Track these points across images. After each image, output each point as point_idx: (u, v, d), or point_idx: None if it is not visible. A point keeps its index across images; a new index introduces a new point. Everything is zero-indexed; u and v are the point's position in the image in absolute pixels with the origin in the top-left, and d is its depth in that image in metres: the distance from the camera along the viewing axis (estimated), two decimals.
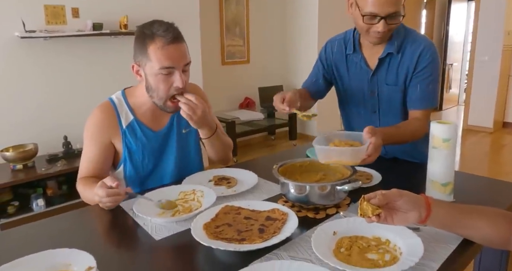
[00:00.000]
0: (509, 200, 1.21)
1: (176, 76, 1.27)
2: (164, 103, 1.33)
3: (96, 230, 1.17)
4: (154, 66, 1.25)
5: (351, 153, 1.15)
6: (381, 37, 1.37)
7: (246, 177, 1.42)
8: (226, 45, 4.87)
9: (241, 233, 0.98)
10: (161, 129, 1.46)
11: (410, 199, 0.87)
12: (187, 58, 1.30)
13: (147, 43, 1.25)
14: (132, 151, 1.41)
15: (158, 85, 1.29)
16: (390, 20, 1.31)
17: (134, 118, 1.41)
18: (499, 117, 6.04)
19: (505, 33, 5.59)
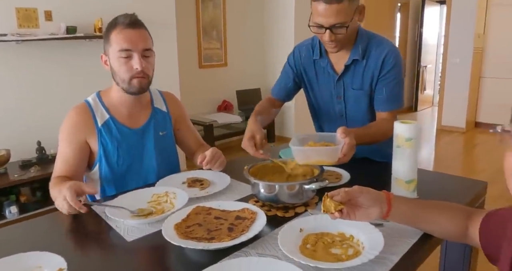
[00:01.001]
0: (470, 196, 1.27)
1: (135, 59, 1.33)
2: (129, 84, 1.37)
3: (68, 234, 1.17)
4: (115, 49, 1.33)
5: (329, 152, 1.18)
6: (334, 47, 1.41)
7: (219, 178, 1.45)
8: (203, 48, 4.88)
9: (210, 232, 1.00)
10: (138, 127, 1.49)
11: (371, 195, 0.91)
12: (147, 44, 1.36)
13: (110, 31, 1.34)
14: (107, 150, 1.43)
15: (119, 68, 1.35)
16: (335, 30, 1.35)
17: (109, 117, 1.44)
18: (471, 117, 6.23)
19: (475, 36, 5.79)
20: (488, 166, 4.54)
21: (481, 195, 1.34)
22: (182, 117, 1.65)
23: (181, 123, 1.64)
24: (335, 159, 1.18)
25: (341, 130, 1.20)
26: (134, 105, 1.48)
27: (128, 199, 1.26)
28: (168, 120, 1.58)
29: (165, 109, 1.58)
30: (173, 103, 1.63)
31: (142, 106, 1.51)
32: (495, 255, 0.85)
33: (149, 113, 1.53)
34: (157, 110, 1.56)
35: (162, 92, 1.63)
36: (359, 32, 1.49)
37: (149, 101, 1.55)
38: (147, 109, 1.53)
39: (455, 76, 6.07)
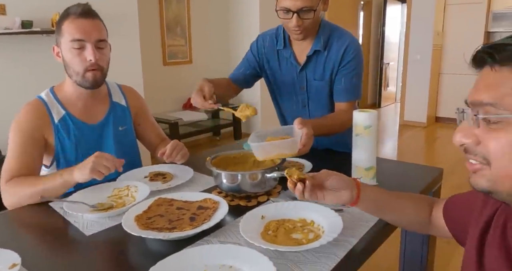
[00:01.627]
0: (427, 181, 1.31)
1: (88, 50, 1.29)
2: (83, 77, 1.33)
3: (24, 230, 1.13)
4: (66, 40, 1.28)
5: (288, 145, 1.18)
6: (300, 33, 1.43)
7: (182, 172, 1.43)
8: (167, 45, 4.81)
9: (172, 222, 0.99)
10: (96, 123, 1.44)
11: (341, 178, 0.91)
12: (101, 34, 1.33)
13: (62, 22, 1.30)
14: (65, 147, 1.38)
15: (72, 60, 1.31)
16: (303, 15, 1.37)
17: (66, 113, 1.39)
18: (431, 112, 6.46)
19: (434, 33, 6.00)
20: (447, 159, 4.72)
21: (438, 180, 1.39)
22: (142, 111, 1.62)
23: (141, 117, 1.61)
24: (295, 151, 1.18)
25: (298, 121, 1.21)
26: (90, 99, 1.43)
27: (87, 194, 1.22)
28: (127, 114, 1.54)
29: (124, 103, 1.55)
30: (133, 96, 1.59)
31: (99, 100, 1.47)
32: (462, 236, 0.86)
33: (107, 108, 1.48)
34: (116, 104, 1.52)
35: (121, 86, 1.59)
36: (322, 23, 1.51)
37: (107, 95, 1.51)
38: (105, 103, 1.49)
39: (416, 72, 6.27)
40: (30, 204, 1.22)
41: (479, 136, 0.61)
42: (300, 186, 0.87)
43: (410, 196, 1.00)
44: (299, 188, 0.87)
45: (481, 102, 0.59)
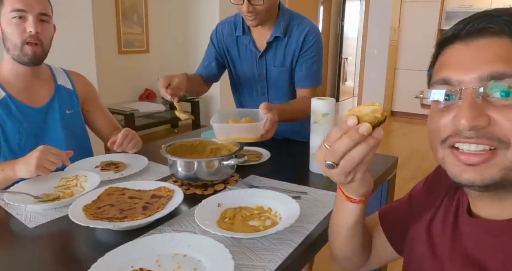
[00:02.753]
0: (383, 169, 1.33)
1: (29, 21, 1.23)
2: (21, 50, 1.25)
3: None
4: (7, 10, 1.22)
5: (251, 129, 1.15)
6: (253, 20, 1.40)
7: (136, 161, 1.37)
8: (123, 33, 4.62)
9: (123, 212, 0.94)
10: (40, 106, 1.36)
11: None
12: (44, 8, 1.27)
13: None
14: (6, 131, 1.29)
15: (12, 31, 1.24)
16: (253, 1, 1.35)
17: (6, 94, 1.30)
18: (387, 106, 6.65)
19: (391, 29, 6.16)
20: (401, 151, 4.88)
21: (393, 168, 1.42)
22: (91, 97, 1.54)
23: (90, 103, 1.53)
24: (257, 135, 1.16)
25: (264, 106, 1.18)
26: (31, 79, 1.35)
27: (32, 184, 1.14)
28: (74, 98, 1.46)
29: (71, 87, 1.47)
30: (80, 81, 1.52)
31: (41, 82, 1.38)
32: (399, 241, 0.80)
33: (52, 90, 1.40)
34: (61, 87, 1.43)
35: (68, 71, 1.51)
36: (281, 10, 1.50)
37: (50, 77, 1.43)
38: (48, 85, 1.41)
39: (373, 67, 6.43)
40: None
41: (493, 115, 0.53)
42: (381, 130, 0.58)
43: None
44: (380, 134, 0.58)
45: (504, 73, 0.52)
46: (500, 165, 0.53)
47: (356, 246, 0.77)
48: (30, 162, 1.08)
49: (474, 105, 0.53)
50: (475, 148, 0.54)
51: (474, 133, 0.53)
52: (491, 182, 0.54)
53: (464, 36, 0.58)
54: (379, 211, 0.85)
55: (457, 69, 0.56)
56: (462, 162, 0.56)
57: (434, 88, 0.59)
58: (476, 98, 0.54)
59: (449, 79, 0.57)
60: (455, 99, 0.56)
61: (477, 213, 0.63)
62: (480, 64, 0.54)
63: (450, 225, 0.67)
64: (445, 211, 0.69)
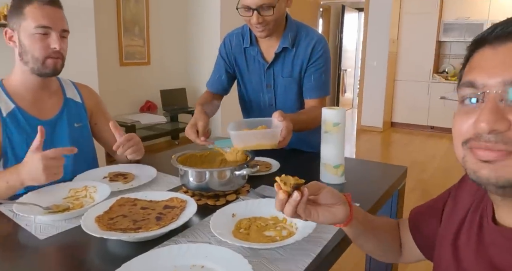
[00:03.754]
0: (393, 179, 1.33)
1: (53, 37, 1.25)
2: (43, 63, 1.26)
3: None
4: (30, 25, 1.23)
5: (269, 135, 1.15)
6: (262, 31, 1.41)
7: (144, 172, 1.36)
8: (124, 45, 4.64)
9: (137, 223, 0.92)
10: (49, 118, 1.35)
11: (333, 191, 0.77)
12: (65, 25, 1.30)
13: (24, 5, 1.23)
14: (14, 143, 1.28)
15: (34, 46, 1.25)
16: (263, 12, 1.36)
17: (15, 106, 1.29)
18: (387, 117, 6.68)
19: (390, 41, 6.22)
20: (402, 162, 4.87)
21: (403, 178, 1.41)
22: (99, 109, 1.54)
23: (98, 116, 1.53)
24: (275, 142, 1.16)
25: (278, 114, 1.19)
26: (40, 92, 1.35)
27: (41, 195, 1.13)
28: (83, 111, 1.47)
29: (80, 100, 1.47)
30: (89, 94, 1.52)
31: (50, 94, 1.38)
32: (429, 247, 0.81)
33: (60, 103, 1.40)
34: (70, 100, 1.44)
35: (76, 84, 1.51)
36: (289, 21, 1.51)
37: (59, 90, 1.43)
38: (57, 98, 1.41)
39: (373, 79, 6.47)
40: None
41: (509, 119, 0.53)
42: (297, 196, 0.70)
43: (384, 221, 0.91)
44: (296, 199, 0.70)
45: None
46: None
47: (376, 249, 0.87)
48: (36, 175, 1.07)
49: (495, 109, 0.53)
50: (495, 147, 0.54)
51: (493, 137, 0.54)
52: (506, 183, 0.54)
53: (492, 39, 0.58)
54: (409, 216, 0.87)
55: (483, 72, 0.57)
56: (479, 159, 0.56)
57: (460, 89, 0.60)
58: (499, 102, 0.54)
59: (474, 82, 0.57)
60: (478, 102, 0.57)
61: (501, 222, 0.63)
62: (505, 68, 0.54)
63: (475, 236, 0.66)
64: (470, 224, 0.69)
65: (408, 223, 0.86)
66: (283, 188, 0.71)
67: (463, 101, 0.59)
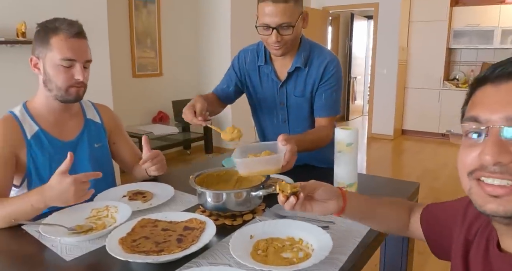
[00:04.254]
0: (405, 196, 1.35)
1: (77, 69, 1.30)
2: (66, 92, 1.32)
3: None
4: (56, 56, 1.27)
5: (272, 161, 1.17)
6: (279, 49, 1.44)
7: (162, 190, 1.40)
8: (137, 57, 4.74)
9: (159, 245, 0.96)
10: (70, 140, 1.41)
11: (328, 188, 0.91)
12: (89, 55, 1.35)
13: (50, 35, 1.27)
14: (38, 164, 1.32)
15: (58, 76, 1.30)
16: (282, 31, 1.39)
17: (39, 129, 1.34)
18: (398, 125, 6.66)
19: (399, 49, 6.23)
20: (414, 170, 4.87)
21: (415, 195, 1.43)
22: (118, 129, 1.59)
23: (117, 136, 1.58)
24: (279, 167, 1.18)
25: (282, 137, 1.21)
26: (62, 114, 1.40)
27: (64, 216, 1.17)
28: (102, 131, 1.51)
29: (99, 121, 1.52)
30: (108, 115, 1.57)
31: (71, 116, 1.43)
32: (439, 247, 0.90)
33: (81, 125, 1.45)
34: (90, 121, 1.49)
35: (95, 104, 1.56)
36: (302, 41, 1.54)
37: (80, 112, 1.48)
38: (78, 120, 1.46)
39: (383, 86, 6.47)
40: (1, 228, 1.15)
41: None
42: (293, 200, 0.86)
43: (392, 202, 1.02)
44: (292, 202, 0.86)
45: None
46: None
47: (379, 227, 1.01)
48: (67, 200, 1.11)
49: (499, 143, 0.58)
50: (499, 182, 0.58)
51: (498, 168, 0.57)
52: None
53: (494, 78, 0.61)
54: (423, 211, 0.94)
55: (485, 109, 0.61)
56: (487, 194, 0.60)
57: (464, 124, 0.64)
58: (502, 136, 0.58)
59: (478, 117, 0.61)
60: (482, 136, 0.60)
61: (506, 248, 0.66)
62: (507, 104, 0.58)
63: (482, 258, 0.69)
64: (478, 246, 0.72)
65: (420, 219, 0.94)
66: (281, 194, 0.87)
67: (467, 135, 0.63)
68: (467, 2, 6.12)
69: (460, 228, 0.78)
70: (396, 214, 0.98)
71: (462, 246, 0.75)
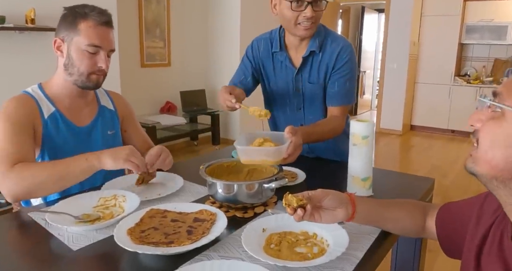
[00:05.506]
0: (421, 192, 1.31)
1: (101, 57, 1.30)
2: (87, 78, 1.31)
3: (2, 244, 1.03)
4: (82, 42, 1.26)
5: (273, 152, 1.16)
6: (310, 28, 1.41)
7: (171, 180, 1.37)
8: (145, 47, 4.70)
9: (168, 236, 0.93)
10: (85, 125, 1.40)
11: (336, 196, 0.89)
12: (113, 45, 1.35)
13: (79, 20, 1.27)
14: (52, 145, 1.31)
15: (82, 61, 1.29)
16: (315, 6, 1.37)
17: (55, 110, 1.33)
18: (407, 120, 6.59)
19: (411, 43, 6.13)
20: (422, 166, 4.81)
21: (430, 190, 1.39)
22: (130, 117, 1.58)
23: (129, 123, 1.57)
24: (279, 159, 1.17)
25: (288, 129, 1.19)
26: (78, 99, 1.39)
27: (71, 204, 1.15)
28: (116, 119, 1.50)
29: (113, 108, 1.51)
30: (121, 102, 1.56)
31: (86, 102, 1.42)
32: (452, 248, 0.89)
33: (95, 111, 1.44)
34: (104, 108, 1.48)
35: (108, 91, 1.55)
36: (318, 26, 1.50)
37: (94, 98, 1.47)
38: (92, 106, 1.45)
39: (393, 81, 6.39)
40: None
41: (483, 121, 0.66)
42: (300, 212, 0.84)
43: (404, 205, 0.99)
44: (299, 214, 0.84)
45: (495, 92, 0.66)
46: (472, 158, 0.68)
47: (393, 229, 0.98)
48: (118, 156, 1.17)
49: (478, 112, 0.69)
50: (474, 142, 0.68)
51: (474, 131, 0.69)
52: (468, 170, 0.68)
53: None
54: (439, 210, 0.94)
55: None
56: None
57: None
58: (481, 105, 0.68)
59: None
60: None
61: None
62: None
63: (496, 251, 0.69)
64: (492, 239, 0.72)
65: (436, 217, 0.93)
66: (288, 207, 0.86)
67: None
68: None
69: (475, 225, 0.78)
70: (410, 216, 0.96)
71: (477, 240, 0.74)
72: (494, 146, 0.63)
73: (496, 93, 0.65)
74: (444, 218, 0.92)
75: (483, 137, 0.65)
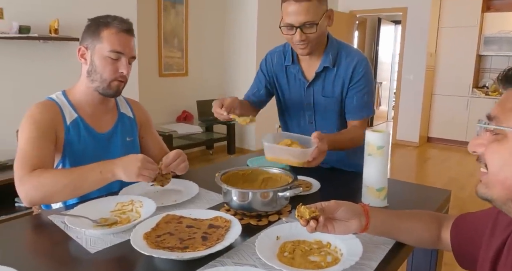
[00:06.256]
0: (437, 204, 1.30)
1: (122, 63, 1.34)
2: (108, 85, 1.35)
3: (23, 246, 1.07)
4: (105, 48, 1.31)
5: (298, 153, 1.20)
6: (304, 48, 1.42)
7: (186, 187, 1.39)
8: (163, 57, 4.79)
9: (183, 242, 0.95)
10: (105, 132, 1.43)
11: (349, 208, 0.89)
12: (134, 52, 1.39)
13: (102, 28, 1.32)
14: (73, 150, 1.35)
15: (104, 67, 1.33)
16: (306, 30, 1.37)
17: (78, 116, 1.38)
18: (424, 132, 6.52)
19: (427, 55, 6.10)
20: (439, 178, 4.74)
21: (446, 202, 1.38)
22: (147, 124, 1.61)
23: (146, 130, 1.60)
24: (303, 161, 1.20)
25: (316, 135, 1.22)
26: (100, 107, 1.43)
27: (90, 208, 1.17)
28: (134, 126, 1.54)
29: (132, 115, 1.55)
30: (139, 109, 1.60)
31: (107, 109, 1.46)
32: (466, 258, 0.88)
33: (115, 118, 1.48)
34: (124, 115, 1.52)
35: (127, 99, 1.59)
36: (330, 40, 1.51)
37: (114, 106, 1.51)
38: (112, 113, 1.49)
39: (409, 92, 6.35)
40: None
41: (485, 145, 0.66)
42: (313, 224, 0.85)
43: (419, 215, 0.99)
44: (312, 226, 0.85)
45: (489, 115, 0.67)
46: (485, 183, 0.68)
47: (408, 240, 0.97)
48: (131, 170, 1.18)
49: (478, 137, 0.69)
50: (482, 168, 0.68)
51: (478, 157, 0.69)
52: (482, 197, 0.68)
53: None
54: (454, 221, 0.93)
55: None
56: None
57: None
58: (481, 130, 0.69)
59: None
60: None
61: None
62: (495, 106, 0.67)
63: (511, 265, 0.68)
64: (508, 249, 0.71)
65: (451, 228, 0.93)
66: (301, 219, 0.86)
67: None
68: (499, 8, 5.95)
69: (490, 236, 0.77)
70: (425, 227, 0.95)
71: (492, 251, 0.74)
72: (504, 166, 0.63)
73: (491, 117, 0.66)
74: (459, 228, 0.91)
75: (491, 160, 0.65)
